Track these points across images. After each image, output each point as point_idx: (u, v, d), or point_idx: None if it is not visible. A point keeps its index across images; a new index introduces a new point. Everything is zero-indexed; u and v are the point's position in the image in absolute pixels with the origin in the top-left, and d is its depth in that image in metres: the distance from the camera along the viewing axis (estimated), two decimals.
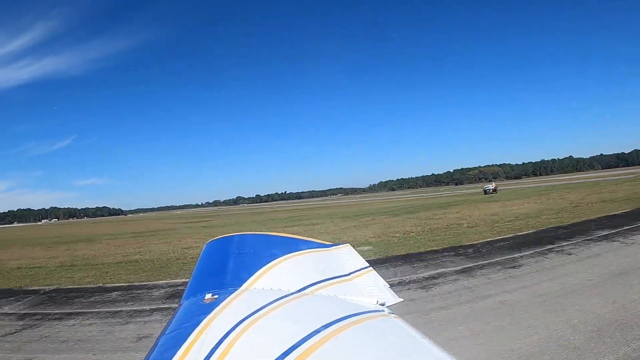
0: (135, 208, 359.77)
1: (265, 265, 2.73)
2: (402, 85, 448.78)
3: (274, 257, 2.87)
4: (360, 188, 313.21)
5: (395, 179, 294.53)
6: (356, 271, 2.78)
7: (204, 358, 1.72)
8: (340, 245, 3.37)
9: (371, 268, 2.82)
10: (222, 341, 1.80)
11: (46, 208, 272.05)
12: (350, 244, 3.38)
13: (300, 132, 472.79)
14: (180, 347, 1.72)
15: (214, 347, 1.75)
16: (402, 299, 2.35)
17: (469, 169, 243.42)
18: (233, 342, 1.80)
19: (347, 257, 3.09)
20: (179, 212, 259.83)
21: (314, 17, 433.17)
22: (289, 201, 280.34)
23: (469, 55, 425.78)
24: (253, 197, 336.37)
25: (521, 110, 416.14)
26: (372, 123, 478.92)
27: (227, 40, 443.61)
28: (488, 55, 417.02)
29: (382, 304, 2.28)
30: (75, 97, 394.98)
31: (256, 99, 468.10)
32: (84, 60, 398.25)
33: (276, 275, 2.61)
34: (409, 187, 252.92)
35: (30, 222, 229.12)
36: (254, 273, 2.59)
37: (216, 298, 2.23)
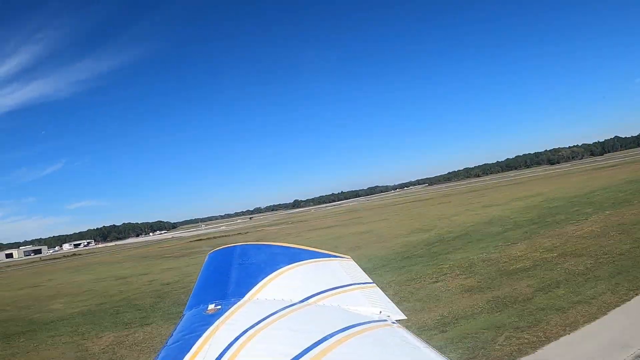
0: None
1: (268, 275, 2.78)
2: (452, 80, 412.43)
3: (277, 267, 2.91)
4: (440, 175, 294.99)
5: (462, 168, 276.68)
6: (360, 283, 2.76)
7: None
8: (343, 258, 3.34)
9: (374, 284, 2.79)
10: (226, 352, 1.88)
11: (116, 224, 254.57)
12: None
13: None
14: (183, 359, 1.83)
15: (217, 358, 1.84)
16: (405, 317, 2.28)
17: (559, 149, 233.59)
18: (237, 353, 1.88)
19: (350, 269, 3.05)
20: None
21: None
22: (391, 192, 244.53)
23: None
24: (313, 199, 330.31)
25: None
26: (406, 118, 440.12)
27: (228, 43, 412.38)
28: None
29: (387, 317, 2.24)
30: (63, 120, 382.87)
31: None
32: (71, 83, 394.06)
33: (279, 286, 2.66)
34: (490, 173, 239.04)
35: (142, 236, 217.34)
36: (257, 283, 2.65)
37: (219, 309, 2.32)
